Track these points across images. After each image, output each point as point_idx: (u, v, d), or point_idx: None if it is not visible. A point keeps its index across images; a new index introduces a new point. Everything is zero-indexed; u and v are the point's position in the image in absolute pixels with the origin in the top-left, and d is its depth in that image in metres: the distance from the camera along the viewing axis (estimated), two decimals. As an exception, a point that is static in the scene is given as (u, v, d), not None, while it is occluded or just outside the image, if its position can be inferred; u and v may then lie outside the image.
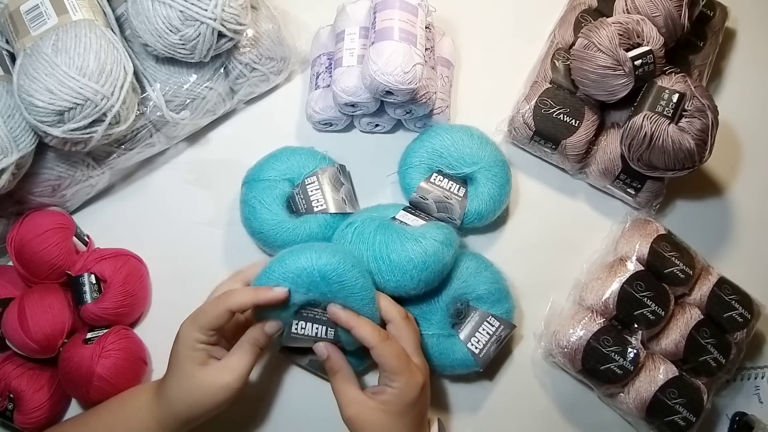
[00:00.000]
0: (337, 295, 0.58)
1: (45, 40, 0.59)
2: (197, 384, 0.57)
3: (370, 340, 0.57)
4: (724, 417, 0.72)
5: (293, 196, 0.69)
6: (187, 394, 0.57)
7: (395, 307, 0.61)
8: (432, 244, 0.62)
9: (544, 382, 0.72)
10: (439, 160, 0.71)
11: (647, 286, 0.67)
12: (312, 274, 0.57)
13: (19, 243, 0.65)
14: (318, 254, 0.58)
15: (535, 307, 0.73)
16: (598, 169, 0.74)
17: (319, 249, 0.59)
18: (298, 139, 0.77)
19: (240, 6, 0.64)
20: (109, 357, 0.63)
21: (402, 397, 0.57)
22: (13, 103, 0.60)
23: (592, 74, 0.69)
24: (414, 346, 0.60)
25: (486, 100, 0.79)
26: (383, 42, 0.64)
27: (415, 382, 0.58)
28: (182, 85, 0.69)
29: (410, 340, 0.60)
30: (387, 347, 0.57)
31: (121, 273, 0.67)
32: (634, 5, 0.71)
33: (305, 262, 0.57)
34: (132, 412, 0.59)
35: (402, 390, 0.57)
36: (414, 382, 0.58)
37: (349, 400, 0.58)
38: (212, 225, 0.74)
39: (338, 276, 0.57)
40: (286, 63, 0.75)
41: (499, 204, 0.71)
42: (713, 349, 0.68)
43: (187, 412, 0.57)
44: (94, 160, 0.69)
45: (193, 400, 0.57)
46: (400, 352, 0.58)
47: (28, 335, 0.62)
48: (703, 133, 0.66)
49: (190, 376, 0.57)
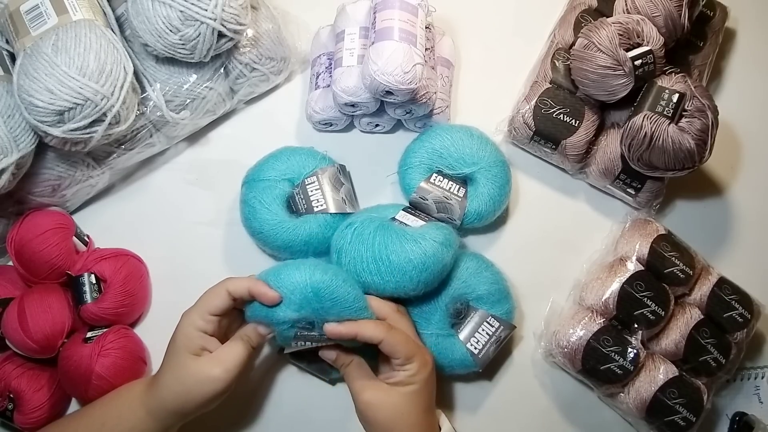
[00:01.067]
0: (329, 312, 0.58)
1: (45, 40, 0.59)
2: (187, 372, 0.57)
3: (376, 336, 0.58)
4: (724, 417, 0.72)
5: (293, 196, 0.69)
6: (177, 382, 0.57)
7: (386, 305, 0.63)
8: (431, 245, 0.62)
9: (544, 382, 0.72)
10: (439, 161, 0.71)
11: (647, 286, 0.67)
12: (305, 290, 0.57)
13: (19, 243, 0.65)
14: (311, 271, 0.58)
15: (535, 307, 0.73)
16: (598, 169, 0.74)
17: (312, 266, 0.59)
18: (298, 139, 0.77)
19: (240, 6, 0.64)
20: (109, 356, 0.63)
21: (416, 376, 0.59)
22: (13, 103, 0.60)
23: (592, 74, 0.69)
24: (413, 334, 0.62)
25: (486, 100, 0.79)
26: (383, 42, 0.64)
27: (426, 360, 0.60)
28: (182, 85, 0.69)
29: (408, 331, 0.62)
30: (394, 336, 0.59)
31: (121, 273, 0.67)
32: (634, 5, 0.71)
33: (299, 278, 0.58)
34: (125, 403, 0.60)
35: (417, 370, 0.59)
36: (425, 360, 0.60)
37: (363, 386, 0.60)
38: (212, 225, 0.74)
39: (330, 293, 0.58)
40: (286, 63, 0.75)
41: (499, 204, 0.71)
42: (713, 349, 0.68)
43: (176, 401, 0.57)
44: (94, 160, 0.69)
45: (182, 388, 0.57)
46: (407, 338, 0.60)
47: (28, 335, 0.62)
48: (703, 133, 0.66)
49: (183, 365, 0.57)
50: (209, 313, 0.58)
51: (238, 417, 0.68)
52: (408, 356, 0.59)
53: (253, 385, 0.69)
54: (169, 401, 0.58)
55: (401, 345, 0.59)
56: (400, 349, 0.58)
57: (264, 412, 0.69)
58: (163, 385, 0.58)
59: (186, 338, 0.58)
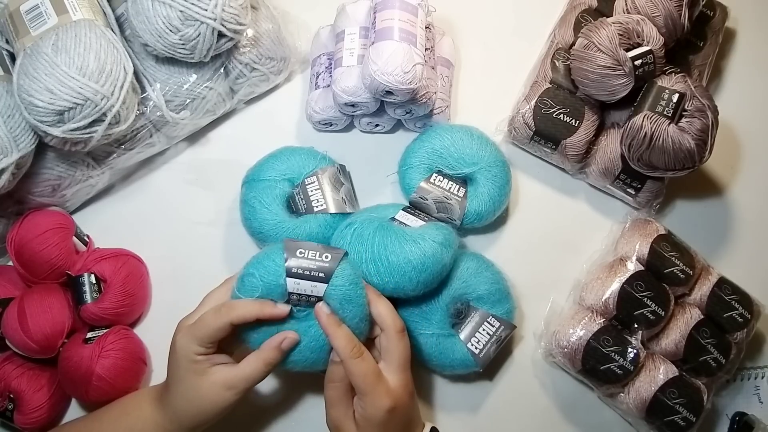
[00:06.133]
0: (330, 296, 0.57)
1: (45, 39, 0.59)
2: (199, 394, 0.56)
3: (341, 353, 0.55)
4: (724, 417, 0.72)
5: (293, 196, 0.69)
6: (194, 405, 0.57)
7: (392, 318, 0.58)
8: (431, 245, 0.62)
9: (544, 382, 0.72)
10: (439, 160, 0.71)
11: (647, 286, 0.67)
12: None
13: (19, 243, 0.65)
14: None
15: (535, 307, 0.73)
16: (598, 169, 0.74)
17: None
18: (298, 139, 0.77)
19: (240, 6, 0.64)
20: (109, 357, 0.63)
21: (367, 418, 0.56)
22: (13, 103, 0.60)
23: (592, 74, 0.69)
24: (399, 364, 0.57)
25: (486, 100, 0.79)
26: (383, 42, 0.64)
27: (380, 405, 0.55)
28: (182, 85, 0.69)
29: (396, 356, 0.57)
30: (356, 365, 0.55)
31: (121, 273, 0.67)
32: (634, 5, 0.71)
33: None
34: (137, 424, 0.59)
35: (366, 411, 0.56)
36: (379, 405, 0.55)
37: (331, 404, 0.58)
38: (212, 225, 0.74)
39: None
40: (286, 63, 0.75)
41: (499, 204, 0.71)
42: (713, 349, 0.68)
43: (194, 421, 0.58)
44: (94, 160, 0.69)
45: (199, 410, 0.57)
46: (368, 373, 0.56)
47: (28, 335, 0.62)
48: (703, 133, 0.66)
49: (195, 387, 0.56)
50: (209, 341, 0.56)
51: (238, 417, 0.68)
52: (360, 392, 0.55)
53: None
54: (185, 422, 0.58)
55: (358, 378, 0.55)
56: (354, 381, 0.55)
57: (264, 412, 0.69)
58: (179, 410, 0.57)
59: (191, 362, 0.56)
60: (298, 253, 0.57)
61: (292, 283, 0.56)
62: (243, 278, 0.58)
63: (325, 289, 0.57)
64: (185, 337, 0.56)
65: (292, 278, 0.56)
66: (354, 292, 0.57)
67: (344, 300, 0.57)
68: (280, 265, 0.56)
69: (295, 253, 0.57)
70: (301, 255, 0.57)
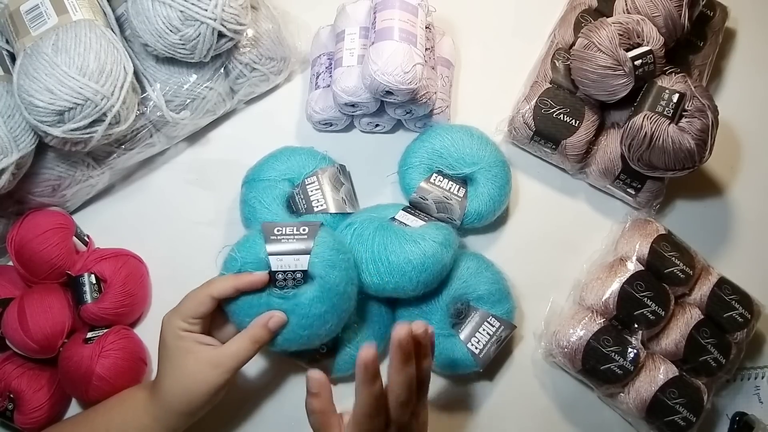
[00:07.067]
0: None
1: (45, 40, 0.59)
2: (186, 373, 0.56)
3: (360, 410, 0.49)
4: (724, 417, 0.72)
5: (293, 196, 0.69)
6: (179, 384, 0.57)
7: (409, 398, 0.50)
8: (431, 245, 0.62)
9: (544, 382, 0.72)
10: (439, 160, 0.71)
11: (647, 286, 0.67)
12: None
13: (19, 243, 0.65)
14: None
15: (535, 307, 0.73)
16: (598, 169, 0.74)
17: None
18: (298, 139, 0.77)
19: (240, 6, 0.64)
20: (109, 357, 0.63)
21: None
22: (13, 103, 0.60)
23: (592, 74, 0.69)
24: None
25: (486, 100, 0.79)
26: (383, 42, 0.64)
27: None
28: (182, 85, 0.69)
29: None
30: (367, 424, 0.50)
31: (121, 273, 0.67)
32: (634, 5, 0.71)
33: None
34: (129, 411, 0.59)
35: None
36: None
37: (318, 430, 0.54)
38: (212, 225, 0.74)
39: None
40: (286, 63, 0.75)
41: (499, 204, 0.71)
42: (713, 349, 0.68)
43: (181, 402, 0.57)
44: (94, 160, 0.69)
45: (185, 389, 0.56)
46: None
47: (28, 335, 0.62)
48: (703, 133, 0.66)
49: (181, 366, 0.56)
50: (192, 317, 0.57)
51: (238, 417, 0.68)
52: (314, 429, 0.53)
53: (253, 385, 0.69)
54: (174, 404, 0.57)
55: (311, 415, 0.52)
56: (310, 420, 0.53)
57: (264, 412, 0.69)
58: (165, 390, 0.57)
59: (176, 339, 0.57)
60: (275, 231, 0.59)
61: (275, 261, 0.58)
62: (226, 262, 0.60)
63: (308, 260, 0.58)
64: (169, 314, 0.58)
65: (275, 256, 0.58)
66: (336, 257, 0.59)
67: (328, 266, 0.58)
68: (260, 245, 0.58)
69: (273, 231, 0.59)
70: (279, 232, 0.59)
